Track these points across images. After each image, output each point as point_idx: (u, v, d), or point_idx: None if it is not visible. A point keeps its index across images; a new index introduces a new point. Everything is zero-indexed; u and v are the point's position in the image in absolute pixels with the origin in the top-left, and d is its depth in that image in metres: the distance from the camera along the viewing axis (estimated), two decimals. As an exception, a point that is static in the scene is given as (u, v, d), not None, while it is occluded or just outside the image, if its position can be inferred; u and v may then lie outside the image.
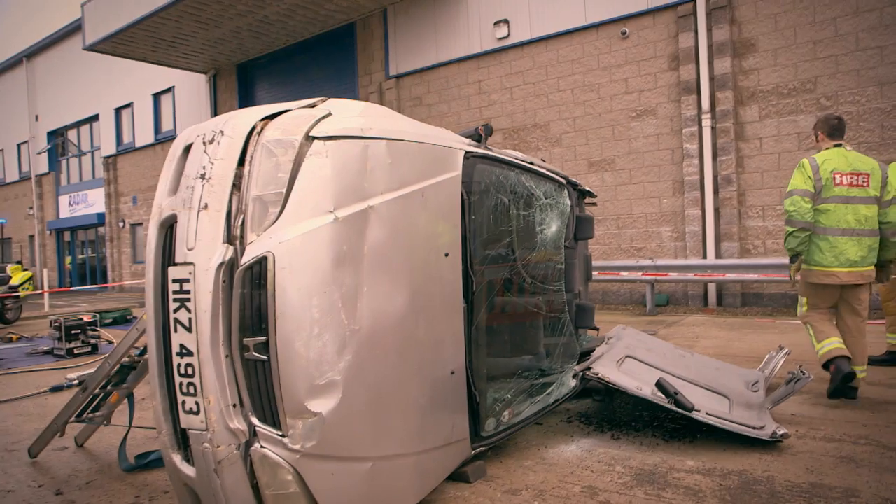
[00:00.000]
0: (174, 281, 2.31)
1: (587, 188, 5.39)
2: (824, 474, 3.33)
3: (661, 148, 10.74)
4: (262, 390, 2.33)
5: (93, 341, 8.51)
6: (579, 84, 11.56)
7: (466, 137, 3.53)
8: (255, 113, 2.53)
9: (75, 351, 8.31)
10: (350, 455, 2.46)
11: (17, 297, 12.84)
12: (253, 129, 2.46)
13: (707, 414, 3.81)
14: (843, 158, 4.65)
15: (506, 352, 3.86)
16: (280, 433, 2.32)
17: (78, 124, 25.81)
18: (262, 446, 2.31)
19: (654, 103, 10.79)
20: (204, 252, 2.29)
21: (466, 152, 3.31)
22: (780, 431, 3.73)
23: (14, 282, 12.49)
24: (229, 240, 2.35)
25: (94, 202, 24.77)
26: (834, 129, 4.81)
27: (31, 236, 28.31)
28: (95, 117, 24.51)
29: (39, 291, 17.20)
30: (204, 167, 2.37)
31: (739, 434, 3.75)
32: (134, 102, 22.35)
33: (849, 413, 4.40)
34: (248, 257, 2.30)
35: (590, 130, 11.48)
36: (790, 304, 9.70)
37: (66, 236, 27.18)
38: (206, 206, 2.32)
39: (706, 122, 10.11)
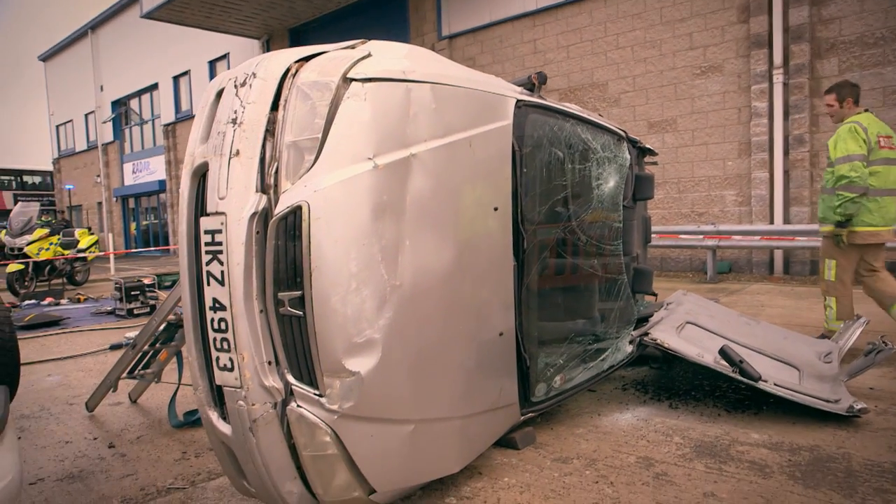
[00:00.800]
0: (206, 232, 2.20)
1: (647, 146, 5.07)
2: (908, 452, 3.05)
3: (726, 107, 10.16)
4: (297, 347, 2.22)
5: (152, 302, 8.73)
6: (640, 40, 11.01)
7: (519, 86, 3.30)
8: (289, 54, 2.37)
9: (135, 311, 8.54)
10: (390, 417, 2.34)
11: (85, 259, 13.29)
12: (287, 70, 2.30)
13: (775, 385, 3.54)
14: (877, 123, 4.89)
15: (558, 314, 3.66)
16: (317, 392, 2.20)
17: (139, 93, 26.45)
18: (298, 405, 2.20)
19: (720, 59, 10.18)
20: (236, 201, 2.17)
21: (518, 101, 3.08)
22: (858, 406, 3.44)
23: (82, 245, 12.91)
24: (263, 188, 2.22)
25: (155, 169, 25.48)
26: (859, 96, 5.04)
27: (99, 203, 29.43)
28: (155, 86, 25.06)
29: (105, 254, 17.83)
30: (235, 111, 2.23)
31: (810, 407, 3.47)
32: (191, 70, 22.69)
33: (934, 387, 4.05)
34: (281, 207, 2.17)
35: (650, 89, 10.95)
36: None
37: (131, 203, 28.12)
38: (237, 153, 2.19)
39: (778, 77, 9.46)
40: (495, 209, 2.83)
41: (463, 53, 13.68)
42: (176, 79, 23.76)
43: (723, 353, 3.58)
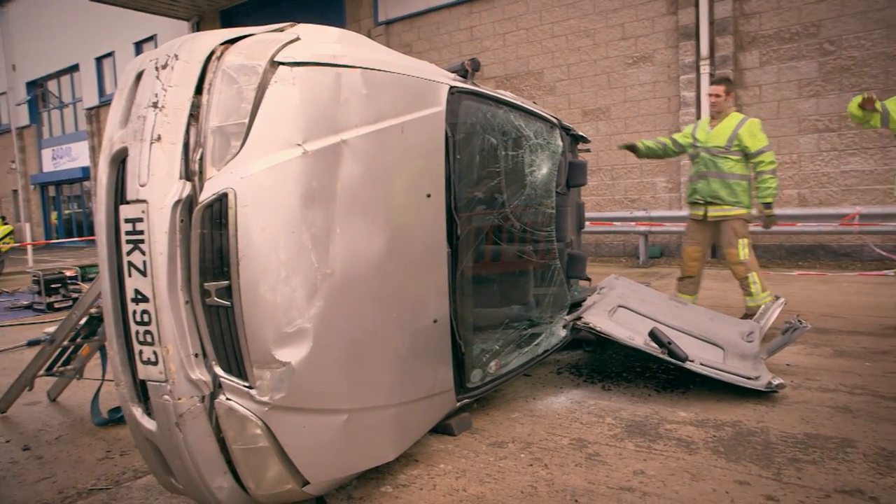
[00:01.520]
0: (126, 221, 2.10)
1: (580, 133, 5.16)
2: (820, 425, 3.23)
3: (657, 96, 10.44)
4: (226, 339, 2.16)
5: (74, 295, 8.32)
6: (574, 29, 11.17)
7: (452, 72, 3.29)
8: (214, 37, 2.29)
9: (55, 305, 8.14)
10: (323, 407, 2.31)
11: (-1, 251, 12.59)
12: (212, 53, 2.22)
13: (701, 364, 3.68)
14: None
15: (493, 300, 3.69)
16: (247, 384, 2.15)
17: (58, 74, 25.09)
18: (227, 398, 2.14)
19: (651, 49, 10.44)
20: (158, 188, 2.08)
21: (451, 87, 3.07)
22: (776, 382, 3.62)
23: (-5, 236, 12.22)
24: (187, 175, 2.14)
25: (78, 156, 24.27)
26: None
27: (15, 191, 27.84)
28: (76, 67, 23.81)
29: (22, 245, 16.92)
30: (156, 94, 2.13)
31: (734, 385, 3.63)
32: (115, 52, 21.66)
33: (844, 363, 4.30)
34: (207, 194, 2.09)
35: (584, 78, 11.14)
36: (785, 256, 9.60)
37: (51, 191, 26.73)
38: (159, 138, 2.10)
39: (705, 68, 9.79)
40: (428, 196, 2.82)
41: (400, 40, 13.56)
42: (99, 60, 22.63)
43: (652, 335, 3.69)
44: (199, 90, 2.18)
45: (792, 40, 9.24)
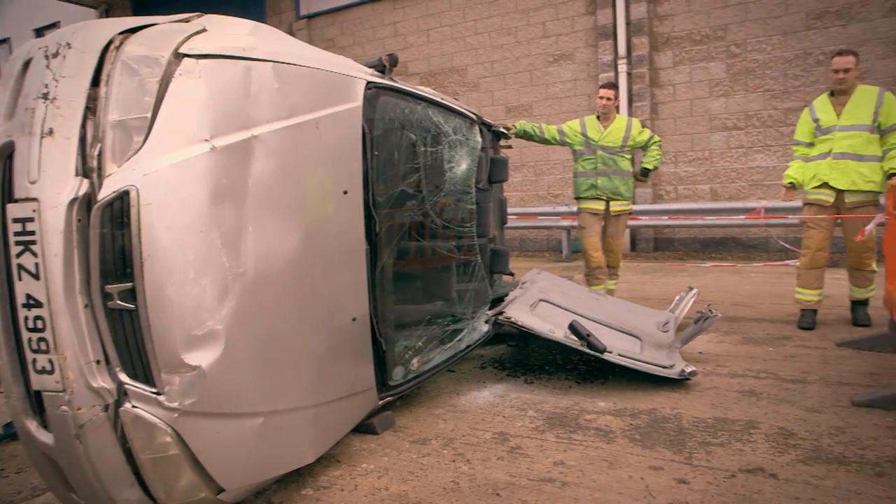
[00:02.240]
0: (15, 220, 1.96)
1: (502, 129, 5.21)
2: (728, 408, 3.38)
3: (577, 94, 10.69)
4: (130, 344, 2.05)
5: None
6: (497, 27, 11.29)
7: (370, 68, 3.25)
8: (112, 25, 2.17)
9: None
10: (237, 411, 2.24)
11: None
12: (110, 43, 2.10)
13: (619, 355, 3.79)
14: None
15: (414, 297, 3.68)
16: (154, 390, 2.05)
17: (-48, 64, 23.35)
18: (133, 406, 2.04)
19: (571, 48, 10.68)
20: (51, 186, 1.95)
21: (368, 82, 3.03)
22: (688, 370, 3.76)
23: None
24: (85, 172, 2.02)
25: (-23, 151, 22.63)
26: None
27: None
28: (-30, 56, 22.21)
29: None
30: (47, 85, 2.00)
31: (650, 374, 3.75)
32: (10, 38, 20.30)
33: (751, 349, 4.52)
34: (106, 192, 1.99)
35: (507, 75, 11.28)
36: (699, 249, 10.03)
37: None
38: (51, 132, 1.97)
39: (622, 67, 10.09)
40: (345, 193, 2.77)
41: (322, 34, 13.34)
42: (-5, 48, 21.19)
43: (572, 327, 3.77)
44: (95, 82, 2.06)
45: (702, 42, 9.65)
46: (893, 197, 4.30)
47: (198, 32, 2.22)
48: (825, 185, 4.84)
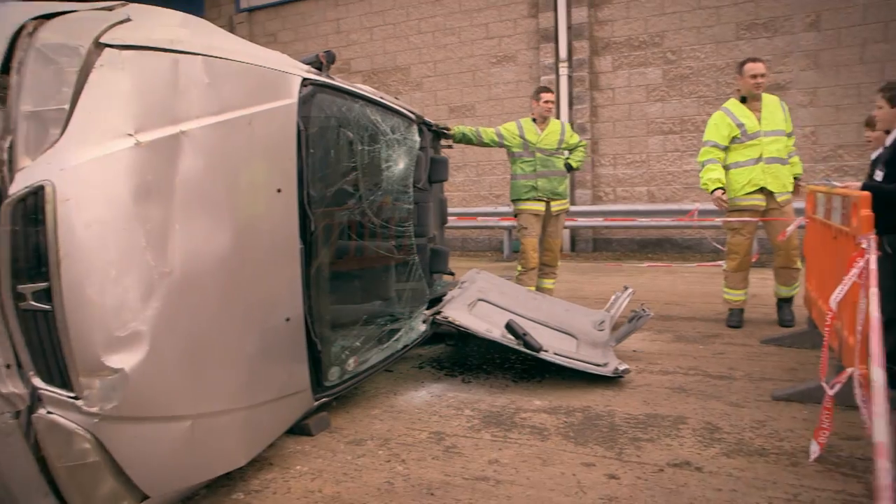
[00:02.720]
0: (-86, 216, 1.85)
1: (443, 128, 5.22)
2: (658, 405, 3.48)
3: (520, 95, 10.80)
4: (46, 346, 1.96)
5: None
6: (440, 27, 11.31)
7: (306, 64, 3.20)
8: (24, 9, 2.07)
9: None
10: (163, 414, 2.17)
11: None
12: (22, 28, 2.00)
13: (555, 354, 3.85)
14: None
15: (351, 297, 3.65)
16: (72, 395, 1.97)
17: None
18: (49, 412, 1.95)
19: (513, 50, 10.79)
20: (-45, 180, 1.85)
21: (304, 79, 2.99)
22: (622, 367, 3.85)
23: None
24: (-6, 166, 1.92)
25: None
26: None
27: None
28: None
29: None
30: (-51, 72, 1.90)
31: (585, 372, 3.82)
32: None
33: (682, 347, 4.66)
34: (18, 186, 1.89)
35: (451, 75, 11.32)
36: (637, 249, 10.29)
37: None
38: (-45, 122, 1.86)
39: (563, 70, 10.26)
40: (279, 191, 2.73)
41: (264, 28, 13.09)
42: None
43: (508, 327, 3.81)
44: (5, 69, 1.96)
45: (640, 48, 9.90)
46: (812, 201, 4.51)
47: (121, 22, 2.14)
48: (760, 190, 5.01)
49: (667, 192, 9.96)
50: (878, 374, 1.25)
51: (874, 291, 2.35)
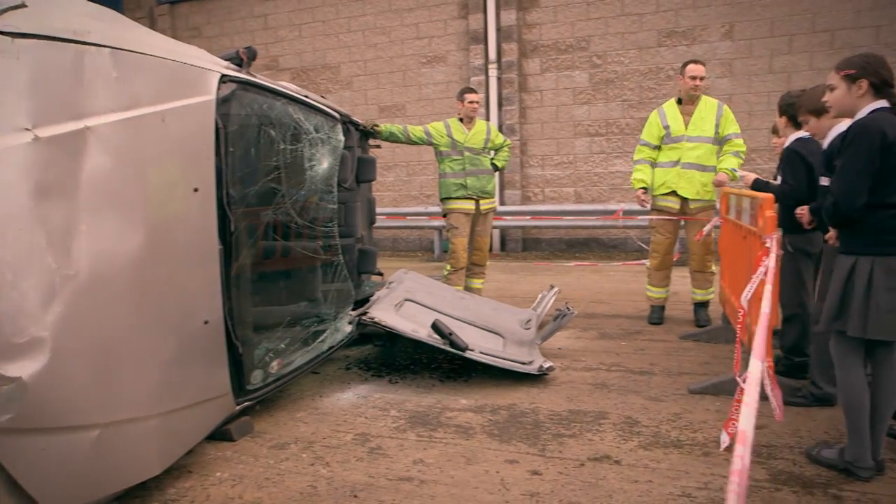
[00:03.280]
0: None
1: (371, 127, 5.18)
2: (581, 401, 3.56)
3: (450, 95, 10.83)
4: (-67, 355, 1.83)
5: None
6: (370, 26, 11.23)
7: (226, 60, 3.11)
8: None
9: None
10: (68, 424, 2.06)
11: None
12: None
13: (481, 353, 3.88)
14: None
15: (274, 298, 3.58)
16: (-37, 407, 1.85)
17: None
18: (-65, 426, 1.82)
19: (443, 50, 10.84)
20: None
21: (223, 76, 2.90)
22: (546, 365, 3.93)
23: None
24: None
25: None
26: None
27: None
28: None
29: None
30: None
31: (511, 370, 3.87)
32: None
33: (606, 344, 4.79)
34: None
35: (381, 75, 11.26)
36: (565, 249, 10.51)
37: None
38: None
39: (492, 72, 10.37)
40: (195, 190, 2.64)
41: (187, 22, 12.67)
42: None
43: (434, 326, 3.82)
44: None
45: (567, 51, 10.13)
46: (726, 202, 4.73)
47: (15, 7, 2.02)
48: (673, 192, 5.21)
49: (593, 192, 10.23)
50: (756, 367, 1.32)
51: (768, 288, 2.48)
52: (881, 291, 2.40)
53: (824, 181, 3.08)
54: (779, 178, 3.79)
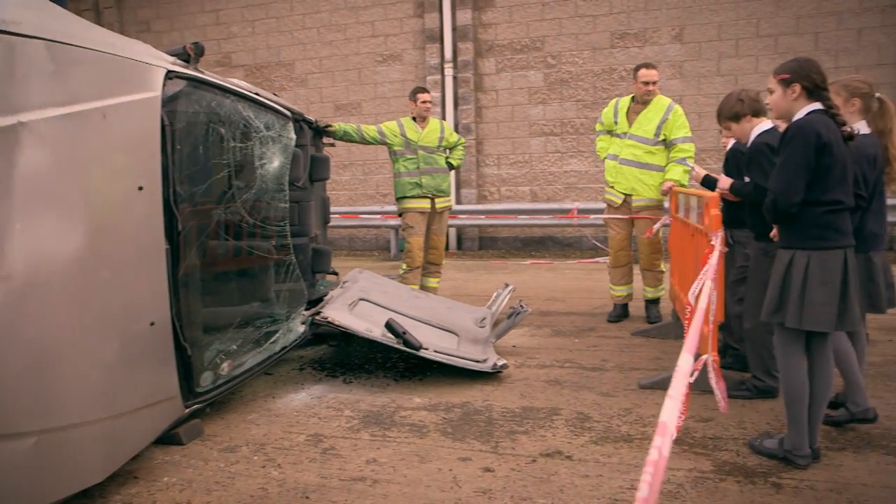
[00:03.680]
0: None
1: (324, 126, 5.13)
2: (534, 398, 3.60)
3: (406, 94, 10.70)
4: None
5: None
6: (326, 23, 11.13)
7: (172, 55, 3.04)
8: None
9: None
10: (2, 432, 1.99)
11: None
12: None
13: (435, 351, 3.89)
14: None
15: (224, 299, 3.52)
16: None
17: None
18: None
19: (399, 49, 10.81)
20: None
21: (169, 72, 2.84)
22: (500, 363, 3.95)
23: None
24: None
25: None
26: None
27: None
28: None
29: None
30: None
31: (466, 368, 3.89)
32: None
33: (560, 341, 4.85)
34: None
35: (336, 73, 11.17)
36: (521, 247, 10.60)
37: None
38: None
39: (448, 71, 10.39)
40: (140, 188, 2.57)
41: (135, 16, 12.33)
42: None
43: (388, 325, 3.81)
44: None
45: (522, 52, 10.21)
46: (675, 201, 4.84)
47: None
48: (614, 186, 5.34)
49: (549, 191, 10.34)
50: (685, 360, 1.36)
51: (708, 284, 2.54)
52: (816, 284, 2.50)
53: (747, 179, 3.31)
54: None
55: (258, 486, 2.63)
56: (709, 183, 4.07)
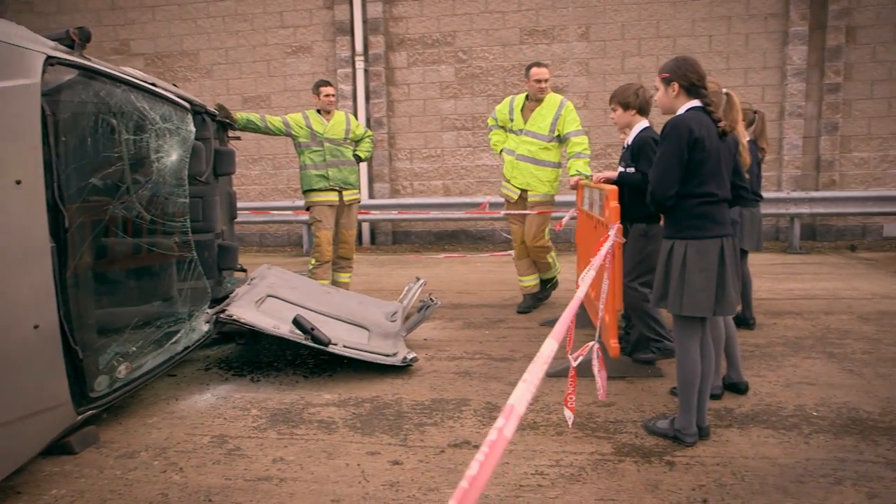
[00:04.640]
0: None
1: (226, 116, 4.97)
2: (444, 390, 3.64)
3: (317, 87, 10.65)
4: None
5: None
6: (231, 11, 10.76)
7: (53, 40, 2.85)
8: None
9: None
10: None
11: None
12: None
13: (345, 346, 3.86)
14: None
15: (119, 299, 3.35)
16: None
17: None
18: None
19: (309, 41, 10.60)
20: None
21: (50, 57, 2.66)
22: (410, 356, 3.97)
23: None
24: None
25: None
26: None
27: None
28: None
29: None
30: None
31: (376, 363, 3.88)
32: None
33: (470, 333, 4.93)
34: None
35: (244, 64, 10.83)
36: (434, 241, 10.66)
37: None
38: None
39: (360, 64, 10.29)
40: (18, 182, 2.41)
41: (19, -3, 11.49)
42: None
43: (296, 322, 3.75)
44: None
45: (434, 46, 10.25)
46: (581, 194, 5.00)
47: None
48: (510, 181, 5.50)
49: (461, 185, 10.45)
50: (548, 346, 1.41)
51: (591, 274, 2.65)
52: (694, 272, 2.67)
53: (630, 170, 3.77)
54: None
55: (158, 491, 2.53)
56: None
